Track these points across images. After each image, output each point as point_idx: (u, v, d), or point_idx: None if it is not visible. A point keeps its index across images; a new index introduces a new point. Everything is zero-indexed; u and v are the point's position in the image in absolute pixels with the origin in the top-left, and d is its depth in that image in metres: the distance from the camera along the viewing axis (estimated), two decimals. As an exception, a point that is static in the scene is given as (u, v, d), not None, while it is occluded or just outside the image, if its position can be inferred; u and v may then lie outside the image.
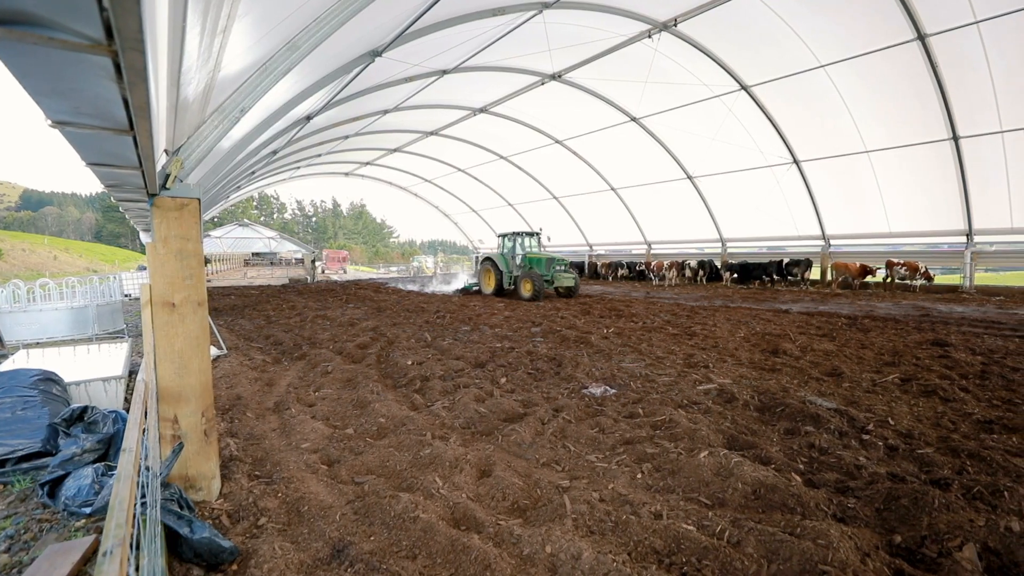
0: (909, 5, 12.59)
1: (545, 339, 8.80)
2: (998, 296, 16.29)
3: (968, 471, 3.45)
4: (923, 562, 2.48)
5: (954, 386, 5.62)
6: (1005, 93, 13.62)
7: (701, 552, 2.50)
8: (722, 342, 8.23)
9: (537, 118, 22.85)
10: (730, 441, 4.03)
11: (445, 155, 29.97)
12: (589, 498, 3.13)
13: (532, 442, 4.24)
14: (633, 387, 5.65)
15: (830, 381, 5.91)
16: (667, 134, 20.86)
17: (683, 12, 14.20)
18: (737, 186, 21.32)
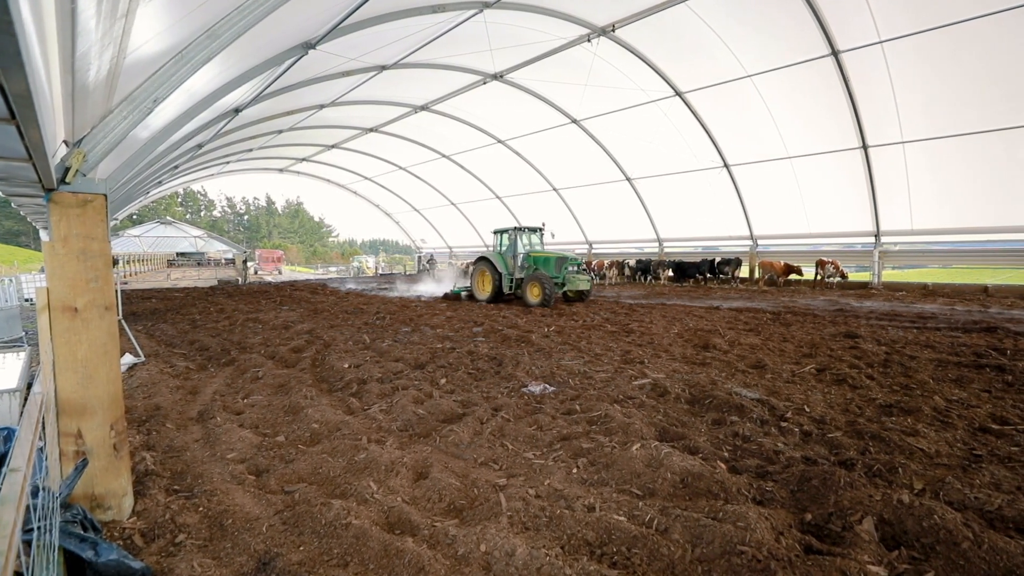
0: (824, 23, 13.57)
1: (487, 339, 8.80)
2: (901, 291, 17.90)
3: (870, 451, 3.76)
4: (829, 537, 2.68)
5: (861, 374, 6.12)
6: (905, 107, 14.97)
7: (631, 541, 2.59)
8: (657, 338, 8.55)
9: (479, 117, 22.84)
10: (662, 433, 4.20)
11: (386, 152, 29.38)
12: (525, 495, 3.16)
13: (470, 442, 4.23)
14: (572, 384, 5.76)
15: (755, 373, 6.28)
16: (607, 137, 21.43)
17: (620, 18, 14.63)
18: (673, 188, 22.21)
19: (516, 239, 15.53)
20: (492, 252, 16.01)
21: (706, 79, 16.81)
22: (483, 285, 15.81)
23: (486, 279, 15.68)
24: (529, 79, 18.69)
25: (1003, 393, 5.46)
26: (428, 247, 40.74)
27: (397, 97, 20.88)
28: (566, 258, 14.80)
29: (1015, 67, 12.91)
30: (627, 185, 23.34)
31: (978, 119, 14.30)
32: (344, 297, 18.09)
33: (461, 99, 20.72)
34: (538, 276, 13.97)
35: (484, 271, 15.77)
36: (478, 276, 16.00)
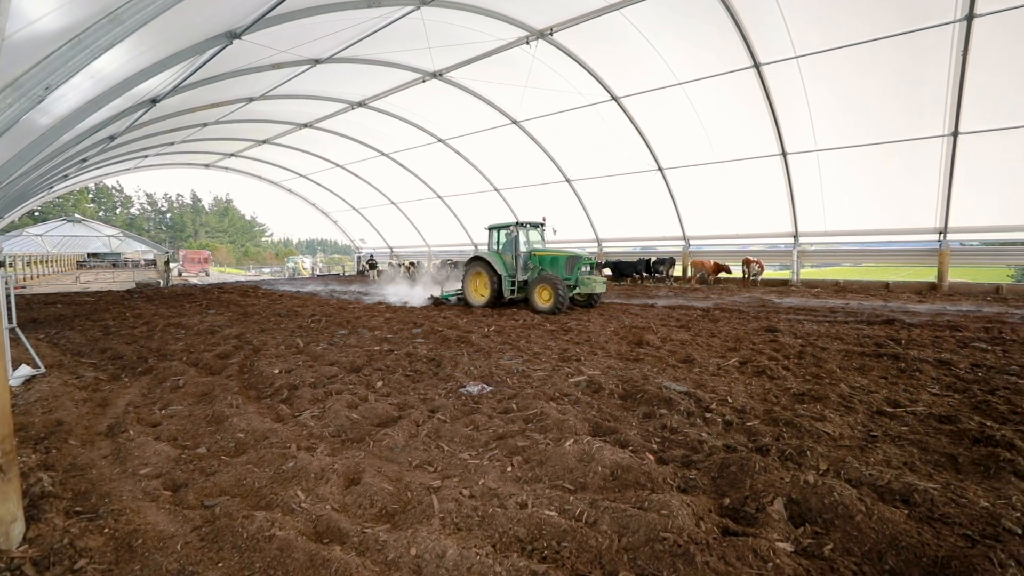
0: (747, 37, 14.40)
1: (426, 340, 8.71)
2: (816, 288, 19.33)
3: (784, 437, 4.04)
4: (745, 518, 2.86)
5: (779, 366, 6.56)
6: (818, 118, 16.17)
7: (561, 535, 2.64)
8: (594, 336, 8.78)
9: (419, 115, 22.54)
10: (595, 428, 4.31)
11: (322, 149, 28.38)
12: (458, 496, 3.15)
13: (405, 445, 4.17)
14: (509, 383, 5.80)
15: (684, 367, 6.58)
16: (547, 138, 21.74)
17: (558, 22, 14.88)
18: (611, 190, 22.86)
19: (518, 236, 13.62)
20: (488, 251, 14.10)
21: (641, 85, 17.42)
22: (478, 289, 14.02)
23: (482, 282, 13.85)
24: (469, 78, 18.64)
25: (897, 379, 6.02)
26: (368, 247, 39.74)
27: (333, 92, 20.22)
28: (579, 257, 13.09)
29: (910, 85, 14.26)
30: (567, 186, 23.79)
31: (880, 131, 15.69)
32: (277, 299, 17.32)
33: (400, 96, 20.37)
34: (549, 278, 12.37)
35: (480, 273, 13.86)
36: (472, 279, 14.13)
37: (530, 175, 24.41)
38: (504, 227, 14.23)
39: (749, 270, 20.69)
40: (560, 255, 13.25)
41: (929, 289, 17.66)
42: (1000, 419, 4.57)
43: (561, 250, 13.67)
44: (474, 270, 14.09)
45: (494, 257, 13.60)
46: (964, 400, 5.17)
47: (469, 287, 14.16)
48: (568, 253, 13.20)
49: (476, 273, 14.04)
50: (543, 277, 12.52)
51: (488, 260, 13.57)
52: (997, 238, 17.48)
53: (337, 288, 23.37)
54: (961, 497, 2.98)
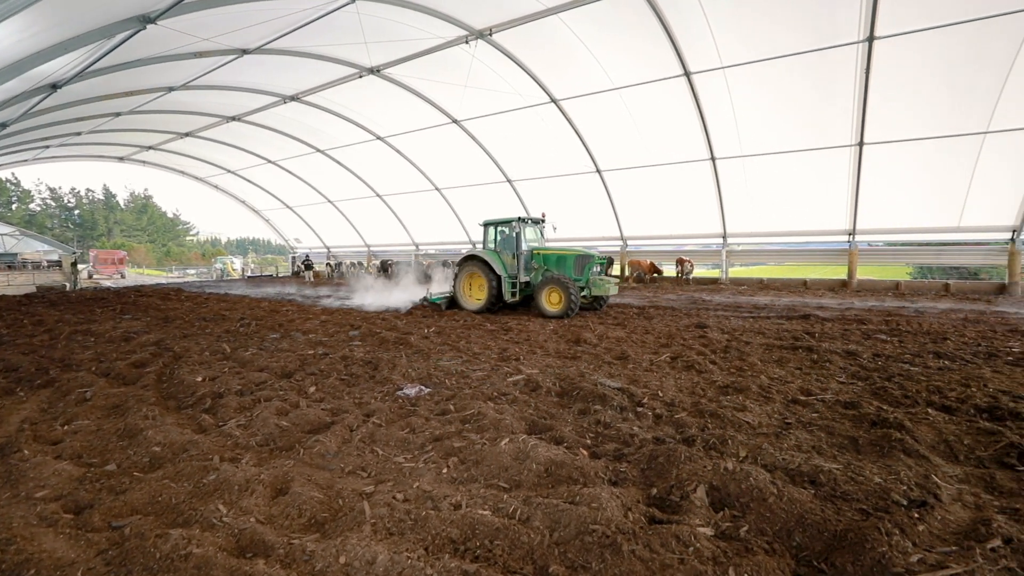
0: (678, 46, 15.06)
1: (364, 342, 8.49)
2: (743, 286, 20.54)
3: (708, 427, 4.26)
4: (670, 507, 2.99)
5: (706, 360, 6.91)
6: (743, 126, 17.18)
7: (493, 534, 2.66)
8: (534, 335, 8.89)
9: (357, 112, 21.95)
10: (531, 427, 4.37)
11: (252, 144, 27.03)
12: (391, 500, 3.10)
13: (338, 451, 4.05)
14: (448, 384, 5.77)
15: (619, 364, 6.79)
16: (488, 138, 21.78)
17: (498, 23, 14.95)
18: (552, 190, 23.22)
19: (520, 233, 12.39)
20: (484, 250, 12.87)
21: (579, 88, 17.82)
22: (472, 290, 12.92)
23: (477, 283, 12.71)
24: (408, 76, 18.36)
25: (810, 369, 6.51)
26: (304, 247, 38.24)
27: (263, 85, 19.30)
28: (589, 256, 12.04)
29: (823, 98, 15.43)
30: (508, 187, 23.94)
31: (798, 139, 16.90)
32: (203, 303, 16.30)
33: (336, 92, 19.75)
34: (558, 279, 11.40)
35: (475, 273, 12.67)
36: (465, 280, 12.96)
37: (472, 175, 24.38)
38: (503, 223, 12.92)
39: (682, 269, 21.67)
40: (568, 254, 12.22)
41: (841, 286, 19.20)
42: (894, 403, 5.04)
43: (569, 248, 12.75)
44: (468, 270, 12.77)
45: (492, 256, 12.36)
46: (866, 387, 5.67)
47: (462, 289, 12.97)
48: (577, 252, 12.19)
49: (471, 274, 12.78)
50: (552, 278, 11.51)
51: (485, 259, 12.30)
52: (898, 239, 19.28)
53: (271, 291, 22.35)
54: (859, 475, 3.27)
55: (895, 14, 12.69)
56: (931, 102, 14.53)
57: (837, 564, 2.41)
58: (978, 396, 5.13)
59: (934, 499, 3.02)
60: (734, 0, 13.35)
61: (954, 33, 12.72)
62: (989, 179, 15.57)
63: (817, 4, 12.96)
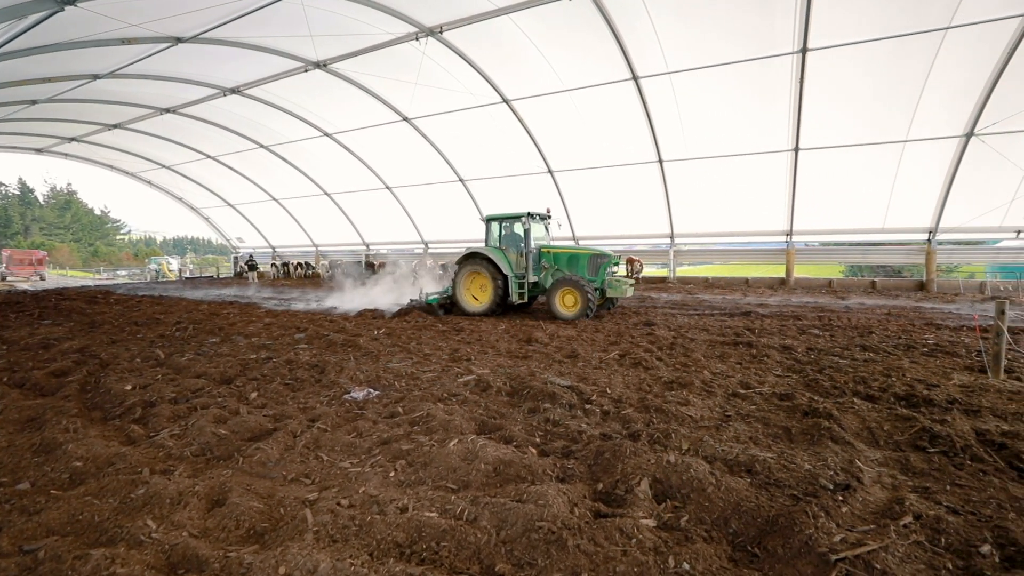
0: (626, 51, 15.42)
1: (310, 345, 8.23)
2: (690, 284, 21.31)
3: (653, 422, 4.38)
4: (615, 500, 3.06)
5: (653, 357, 7.12)
6: (688, 130, 17.80)
7: (440, 535, 2.63)
8: (486, 335, 8.88)
9: (303, 107, 21.24)
10: (481, 427, 4.36)
11: (190, 138, 25.66)
12: (335, 507, 3.01)
13: (280, 458, 3.90)
14: (397, 386, 5.68)
15: (569, 362, 6.89)
16: (440, 137, 21.58)
17: (448, 21, 14.84)
18: (504, 190, 23.28)
19: (530, 229, 11.54)
20: (488, 247, 11.98)
21: (531, 89, 17.94)
22: (474, 291, 12.03)
23: (479, 283, 11.88)
24: (357, 71, 17.93)
25: (750, 364, 6.82)
26: (247, 246, 36.66)
27: (201, 76, 18.36)
28: (605, 256, 11.38)
29: (763, 104, 16.21)
30: (461, 186, 23.81)
31: (740, 143, 17.68)
32: (135, 306, 15.34)
33: (280, 85, 19.05)
34: (573, 280, 10.84)
35: (478, 273, 11.79)
36: (466, 280, 12.04)
37: (423, 174, 24.09)
38: (510, 218, 11.98)
39: (632, 268, 22.24)
40: (582, 253, 11.58)
41: (779, 284, 20.26)
42: (824, 393, 5.36)
43: (582, 247, 12.13)
44: (471, 269, 11.85)
45: (497, 254, 11.50)
46: (799, 379, 6.00)
47: (462, 290, 12.05)
48: (592, 251, 11.59)
49: (473, 273, 11.89)
50: (567, 279, 10.94)
51: (490, 257, 11.44)
52: (831, 239, 20.54)
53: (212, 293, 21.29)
54: (791, 463, 3.45)
55: (825, 28, 13.50)
56: (858, 112, 15.56)
57: (769, 548, 2.53)
58: (897, 385, 5.53)
59: (857, 482, 3.23)
60: (679, 10, 13.82)
61: (876, 48, 13.66)
62: (909, 185, 16.85)
63: (756, 15, 13.60)
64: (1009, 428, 4.21)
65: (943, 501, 3.02)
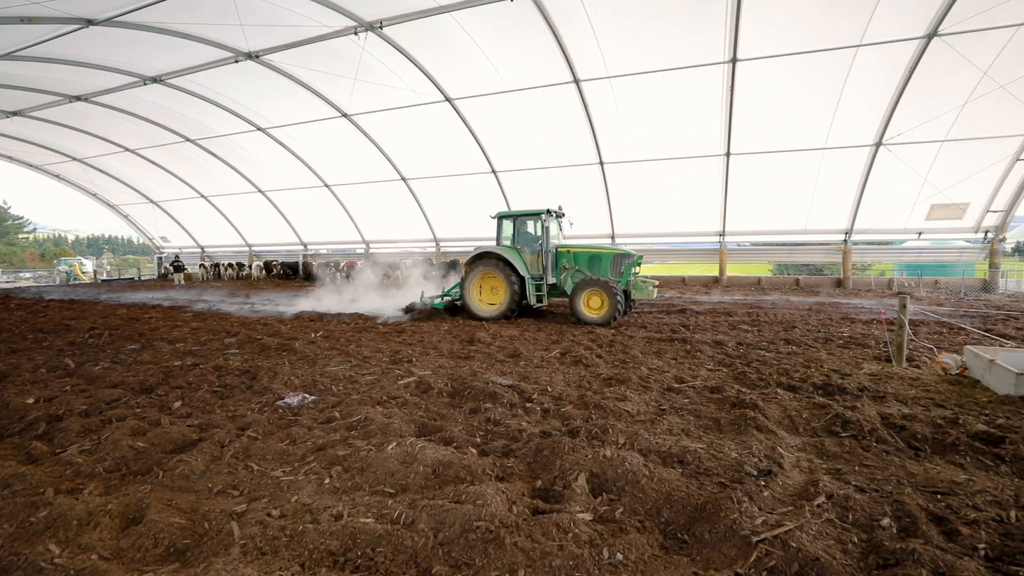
0: (568, 54, 15.68)
1: (241, 350, 7.82)
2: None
3: (592, 418, 4.48)
4: (553, 497, 3.10)
5: (593, 354, 7.28)
6: (629, 133, 18.33)
7: (376, 541, 2.57)
8: (428, 336, 8.78)
9: (235, 100, 20.17)
10: (421, 429, 4.30)
11: (105, 130, 23.76)
12: (264, 518, 2.87)
13: (206, 470, 3.68)
14: (335, 391, 5.50)
15: (511, 362, 6.92)
16: (380, 135, 21.11)
17: (388, 16, 14.54)
18: (448, 190, 23.10)
19: (549, 227, 10.95)
20: (502, 246, 11.30)
21: (474, 89, 17.88)
22: (484, 293, 11.24)
23: (491, 285, 11.15)
24: (292, 64, 17.24)
25: (684, 359, 7.11)
26: (172, 246, 34.39)
27: (118, 62, 17.04)
28: (628, 255, 10.83)
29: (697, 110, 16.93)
30: (403, 185, 23.41)
31: (678, 147, 18.40)
32: (41, 311, 14.02)
33: (208, 76, 17.99)
34: (600, 282, 10.18)
35: (491, 274, 11.04)
36: (477, 282, 11.23)
37: (364, 172, 23.49)
38: (526, 215, 11.29)
39: None
40: (604, 252, 10.96)
41: (713, 282, 21.28)
42: (751, 385, 5.68)
43: (603, 247, 11.43)
44: (482, 270, 11.07)
45: (512, 254, 10.87)
46: (729, 373, 6.32)
47: (472, 292, 11.23)
48: (616, 250, 11.04)
49: (486, 275, 11.11)
50: (592, 280, 10.28)
51: (505, 257, 10.78)
52: (760, 239, 21.78)
53: (133, 296, 19.82)
54: (720, 452, 3.63)
55: (753, 41, 14.30)
56: (783, 120, 16.60)
57: (697, 534, 2.65)
58: (816, 376, 5.94)
59: (778, 467, 3.44)
60: (618, 16, 14.21)
61: (799, 61, 14.63)
62: (828, 189, 18.17)
63: (692, 26, 14.20)
64: (909, 411, 4.63)
65: (852, 481, 3.27)
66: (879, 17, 13.03)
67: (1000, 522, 2.69)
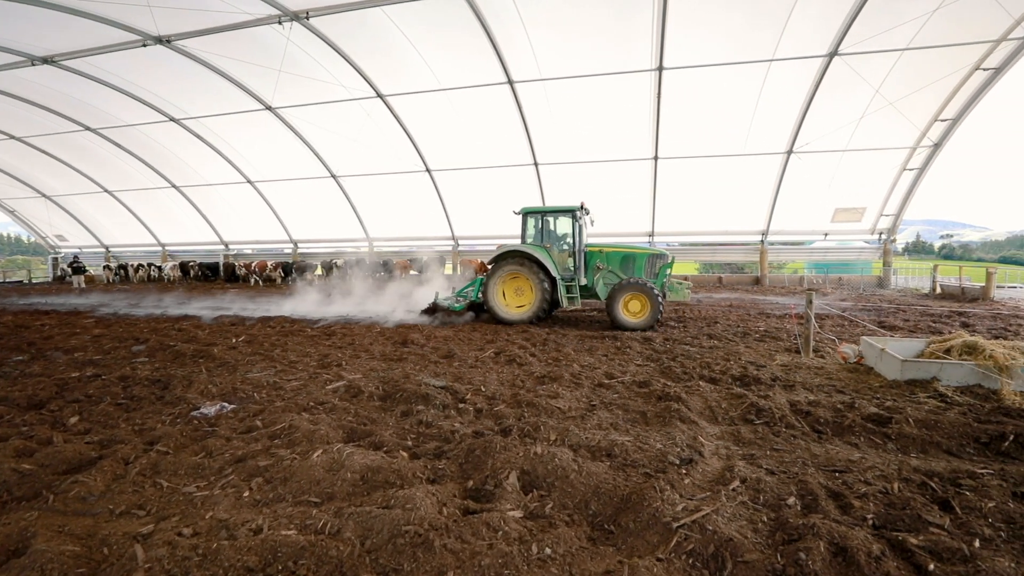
0: (502, 55, 15.75)
1: (152, 358, 7.23)
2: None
3: (525, 416, 4.51)
4: (485, 496, 3.09)
5: (527, 353, 7.35)
6: (564, 135, 18.67)
7: (298, 554, 2.45)
8: (359, 339, 8.51)
9: (144, 87, 18.64)
10: (349, 434, 4.15)
11: (-15, 114, 21.17)
12: (174, 538, 2.66)
13: (106, 490, 3.36)
14: (257, 398, 5.20)
15: (445, 363, 6.85)
16: (309, 130, 20.25)
17: (315, 7, 13.99)
18: (381, 188, 22.54)
19: (581, 225, 10.43)
20: (532, 245, 10.50)
21: (407, 86, 17.56)
22: (510, 296, 10.51)
23: (516, 286, 10.44)
24: (210, 52, 16.17)
25: (615, 356, 7.34)
26: (70, 246, 31.25)
27: (0, 39, 15.24)
28: (663, 255, 10.48)
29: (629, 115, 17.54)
30: (333, 182, 22.60)
31: (610, 150, 18.97)
32: (-95, 320, 12.26)
33: (112, 60, 16.52)
34: (640, 285, 9.70)
35: (518, 275, 10.32)
36: (501, 283, 10.44)
37: (292, 168, 22.44)
38: (556, 212, 10.63)
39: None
40: (639, 252, 10.49)
41: (641, 281, 22.07)
42: (676, 379, 5.95)
43: (636, 246, 10.96)
44: (508, 271, 10.30)
45: (542, 253, 10.21)
46: (656, 368, 6.59)
47: (495, 294, 10.42)
48: (649, 251, 10.58)
49: (511, 275, 10.37)
50: (631, 283, 9.79)
51: (535, 256, 10.09)
52: (687, 240, 22.90)
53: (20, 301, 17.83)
54: (645, 444, 3.77)
55: (677, 51, 15.02)
56: (706, 126, 17.55)
57: (623, 523, 2.74)
58: (734, 368, 6.32)
59: (699, 456, 3.62)
60: (551, 21, 14.46)
61: (719, 72, 15.53)
62: (747, 193, 19.43)
63: (622, 33, 14.70)
64: (814, 398, 5.03)
65: (763, 465, 3.51)
66: (789, 34, 14.10)
67: (886, 493, 2.98)
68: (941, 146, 17.03)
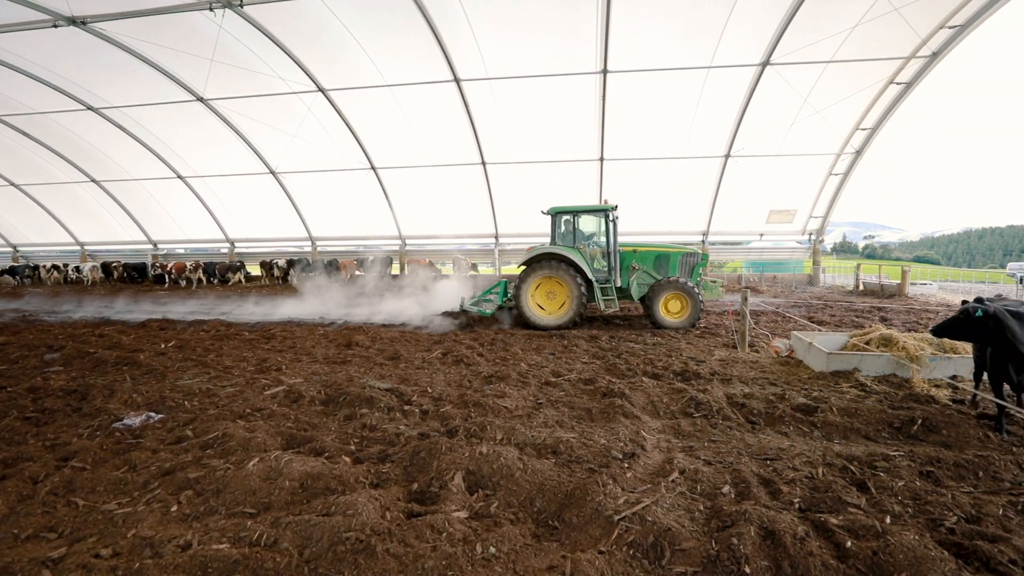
0: (448, 53, 15.58)
1: (67, 367, 6.67)
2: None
3: (472, 417, 4.49)
4: (429, 498, 3.05)
5: (475, 353, 7.33)
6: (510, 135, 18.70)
7: (230, 568, 2.33)
8: (300, 342, 8.21)
9: (57, 72, 17.18)
10: (288, 441, 3.99)
11: None
12: (90, 560, 2.47)
13: (10, 513, 3.06)
14: (187, 406, 4.90)
15: (391, 364, 6.72)
16: (246, 124, 19.30)
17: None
18: (324, 186, 21.79)
19: (615, 224, 9.97)
20: (564, 246, 10.03)
21: (350, 81, 17.06)
22: (541, 300, 9.98)
23: (548, 289, 9.95)
24: (133, 37, 15.10)
25: (562, 354, 7.44)
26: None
27: None
28: (696, 254, 10.33)
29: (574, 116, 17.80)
30: (272, 179, 21.66)
31: (557, 150, 19.16)
32: None
33: (16, 41, 15.14)
34: (679, 285, 9.59)
35: (550, 278, 9.85)
36: (533, 287, 9.91)
37: (227, 164, 21.29)
38: (587, 211, 10.26)
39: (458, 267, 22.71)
40: (673, 251, 10.27)
41: (588, 280, 22.49)
42: (620, 376, 6.10)
43: (670, 245, 10.70)
44: (541, 274, 9.81)
45: (575, 254, 9.79)
46: (602, 365, 6.73)
47: (527, 298, 9.86)
48: (683, 249, 10.38)
49: (544, 278, 9.89)
50: (669, 283, 9.68)
51: (570, 258, 9.70)
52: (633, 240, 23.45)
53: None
54: (590, 440, 3.84)
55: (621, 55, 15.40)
56: (649, 128, 18.08)
57: (566, 519, 2.78)
58: (676, 364, 6.55)
59: (641, 450, 3.72)
60: (497, 20, 14.46)
61: (661, 76, 16.05)
62: (689, 194, 20.17)
63: (567, 35, 14.89)
64: (748, 391, 5.29)
65: (701, 456, 3.66)
66: (727, 42, 14.77)
67: (811, 478, 3.18)
68: (862, 153, 18.36)
